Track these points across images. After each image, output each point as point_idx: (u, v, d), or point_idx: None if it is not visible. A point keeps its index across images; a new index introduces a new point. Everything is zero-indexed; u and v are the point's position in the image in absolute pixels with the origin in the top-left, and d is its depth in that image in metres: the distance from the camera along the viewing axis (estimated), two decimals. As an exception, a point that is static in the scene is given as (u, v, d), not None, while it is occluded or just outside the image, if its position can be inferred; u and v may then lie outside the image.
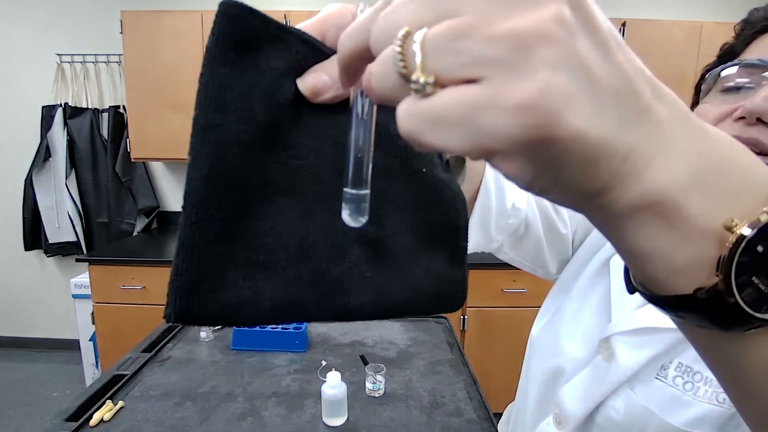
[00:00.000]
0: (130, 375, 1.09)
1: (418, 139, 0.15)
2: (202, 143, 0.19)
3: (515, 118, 0.13)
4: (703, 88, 0.45)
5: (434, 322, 1.49)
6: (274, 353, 1.25)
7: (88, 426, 0.90)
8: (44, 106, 2.82)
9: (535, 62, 0.13)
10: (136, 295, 2.28)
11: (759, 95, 0.38)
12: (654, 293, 0.19)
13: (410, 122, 0.15)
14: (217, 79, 0.19)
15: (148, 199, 2.90)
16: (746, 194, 0.17)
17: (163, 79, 2.44)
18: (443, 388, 1.08)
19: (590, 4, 0.14)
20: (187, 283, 0.20)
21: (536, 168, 0.15)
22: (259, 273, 0.21)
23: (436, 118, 0.14)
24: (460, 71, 0.14)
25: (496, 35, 0.13)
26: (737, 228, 0.16)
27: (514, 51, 0.13)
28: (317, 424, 0.95)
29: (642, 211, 0.16)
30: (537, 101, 0.13)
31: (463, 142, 0.14)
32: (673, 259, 0.17)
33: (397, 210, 0.25)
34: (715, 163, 0.17)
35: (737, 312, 0.17)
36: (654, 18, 2.48)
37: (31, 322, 3.16)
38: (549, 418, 0.55)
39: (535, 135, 0.13)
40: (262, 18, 0.20)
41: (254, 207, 0.21)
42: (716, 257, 0.16)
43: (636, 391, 0.45)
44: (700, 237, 0.16)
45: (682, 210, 0.16)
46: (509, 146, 0.14)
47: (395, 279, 0.25)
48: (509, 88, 0.13)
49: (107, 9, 2.75)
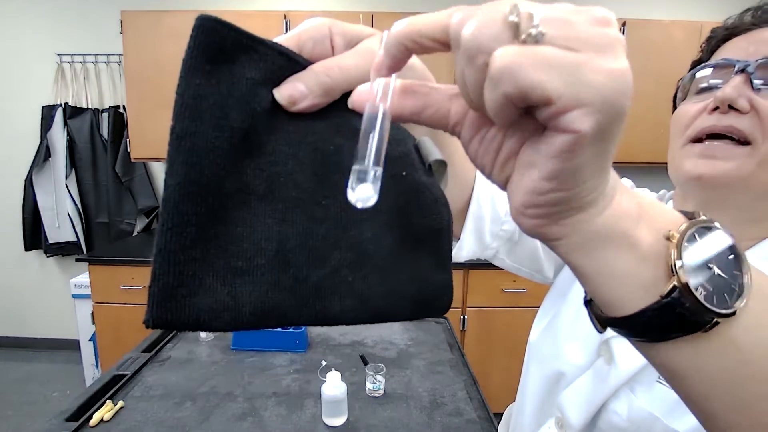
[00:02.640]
0: (130, 375, 1.09)
1: (518, 72, 0.16)
2: (177, 151, 0.20)
3: (612, 80, 0.16)
4: (679, 95, 0.50)
5: (434, 322, 1.49)
6: (274, 353, 1.25)
7: (88, 426, 0.90)
8: (44, 106, 2.82)
9: (618, 53, 0.17)
10: (136, 295, 2.27)
11: (728, 86, 0.42)
12: (612, 315, 0.23)
13: (514, 58, 0.16)
14: (192, 89, 0.20)
15: (148, 199, 2.90)
16: (668, 219, 0.22)
17: (163, 79, 2.44)
18: (443, 388, 1.08)
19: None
20: (164, 289, 0.20)
21: (599, 136, 0.17)
22: (237, 278, 0.21)
23: (545, 60, 0.16)
24: (565, 40, 0.17)
25: (596, 28, 0.17)
26: (672, 239, 0.21)
27: (606, 42, 0.17)
28: (317, 424, 0.95)
29: (610, 236, 0.21)
30: (626, 74, 0.17)
31: (562, 86, 0.16)
32: (638, 276, 0.21)
33: (378, 214, 0.25)
34: (642, 200, 0.22)
35: (692, 311, 0.21)
36: (654, 18, 2.48)
37: (31, 322, 3.16)
38: (551, 422, 0.55)
39: (620, 101, 0.17)
40: (236, 31, 0.20)
41: (232, 213, 0.21)
42: (666, 270, 0.21)
43: (637, 395, 0.45)
44: (653, 253, 0.21)
45: (635, 230, 0.21)
46: (597, 101, 0.16)
47: (378, 284, 0.25)
48: (604, 61, 0.17)
49: (107, 9, 2.75)
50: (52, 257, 3.03)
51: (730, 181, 0.42)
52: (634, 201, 0.22)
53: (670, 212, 0.23)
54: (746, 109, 0.41)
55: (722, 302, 0.21)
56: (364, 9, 2.69)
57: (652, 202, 0.23)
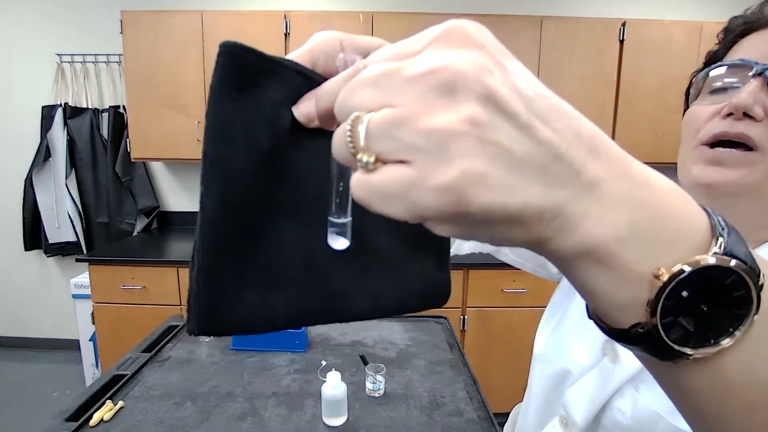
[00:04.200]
0: (130, 375, 1.09)
1: (369, 207, 0.18)
2: (212, 174, 0.21)
3: (438, 197, 0.16)
4: (692, 92, 0.49)
5: (434, 322, 1.49)
6: (274, 353, 1.25)
7: (88, 426, 0.90)
8: (44, 106, 2.82)
9: (451, 154, 0.16)
10: (136, 295, 2.27)
11: (744, 91, 0.41)
12: (604, 324, 0.21)
13: (360, 193, 0.18)
14: (222, 115, 0.21)
15: (148, 199, 2.90)
16: (681, 241, 0.19)
17: (163, 79, 2.44)
18: (443, 388, 1.08)
19: (506, 98, 0.17)
20: (208, 303, 0.22)
21: (465, 230, 0.18)
22: (270, 288, 0.24)
23: (379, 192, 0.17)
24: (395, 154, 0.17)
25: (422, 129, 0.16)
26: (663, 276, 0.18)
27: (434, 144, 0.16)
28: (317, 424, 0.95)
29: (582, 258, 0.19)
30: (452, 185, 0.16)
31: (402, 212, 0.17)
32: (614, 298, 0.20)
33: (387, 222, 0.27)
34: (653, 212, 0.19)
35: (666, 347, 0.19)
36: (654, 18, 2.48)
37: (31, 322, 3.16)
38: (555, 420, 0.55)
39: (453, 210, 0.16)
40: (259, 55, 0.21)
41: (263, 228, 0.23)
42: (643, 301, 0.19)
43: (641, 393, 0.45)
44: (635, 280, 0.19)
45: (618, 257, 0.18)
46: (437, 216, 0.17)
47: (390, 284, 0.28)
48: (433, 173, 0.16)
49: (107, 9, 2.75)
50: (52, 257, 3.03)
51: (737, 190, 0.42)
52: (624, 217, 0.18)
53: (681, 235, 0.19)
54: (761, 117, 0.40)
55: (703, 341, 0.19)
56: (364, 9, 2.69)
57: (660, 212, 0.19)
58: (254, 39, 2.37)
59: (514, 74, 0.17)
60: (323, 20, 2.43)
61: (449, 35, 0.18)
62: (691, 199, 0.20)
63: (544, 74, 2.46)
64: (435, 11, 2.58)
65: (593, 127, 0.19)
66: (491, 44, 0.18)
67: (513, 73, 0.17)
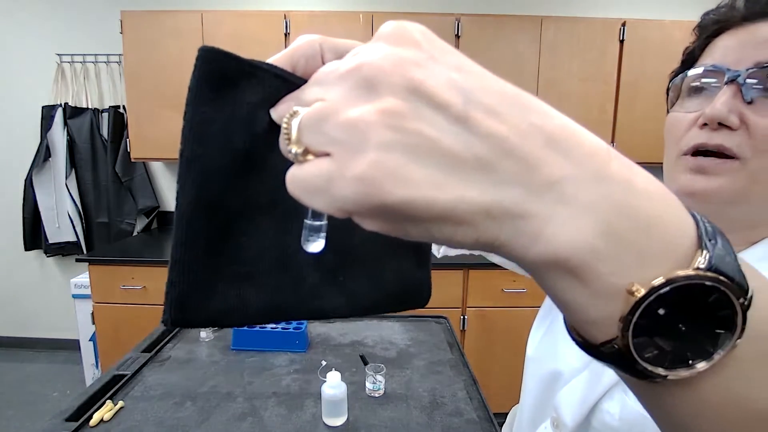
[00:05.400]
0: (130, 375, 1.09)
1: (299, 200, 0.18)
2: (188, 173, 0.22)
3: (354, 188, 0.16)
4: (671, 95, 0.48)
5: (434, 322, 1.49)
6: (274, 353, 1.25)
7: (88, 426, 0.90)
8: (44, 106, 2.82)
9: (366, 145, 0.16)
10: (136, 295, 2.27)
11: (717, 101, 0.40)
12: (580, 337, 0.20)
13: (290, 186, 0.18)
14: (199, 115, 0.22)
15: (148, 199, 2.90)
16: (663, 253, 0.17)
17: (163, 79, 2.44)
18: (443, 388, 1.08)
19: (435, 89, 0.16)
20: (181, 295, 0.23)
21: (397, 227, 0.17)
22: (244, 282, 0.24)
23: (305, 185, 0.17)
24: (320, 147, 0.17)
25: (342, 121, 0.16)
26: (637, 292, 0.16)
27: (351, 135, 0.16)
28: (317, 424, 0.95)
29: (552, 268, 0.17)
30: (364, 175, 0.16)
31: (326, 205, 0.17)
32: (588, 312, 0.18)
33: None
34: (634, 219, 0.17)
35: (639, 366, 0.17)
36: (654, 18, 2.48)
37: (31, 322, 3.16)
38: (546, 422, 0.55)
39: (370, 202, 0.16)
40: (236, 59, 0.22)
41: (238, 225, 0.24)
42: (617, 318, 0.17)
43: (630, 395, 0.45)
44: (611, 294, 0.17)
45: (591, 268, 0.16)
46: (358, 209, 0.17)
47: (366, 282, 0.28)
48: (348, 164, 0.16)
49: (107, 9, 2.75)
50: (52, 257, 3.03)
51: (723, 197, 0.42)
52: (596, 223, 0.16)
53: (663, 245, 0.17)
54: (737, 125, 0.40)
55: (679, 362, 0.18)
56: (364, 9, 2.69)
57: (643, 219, 0.17)
58: (254, 39, 2.37)
59: (452, 68, 0.17)
60: (323, 20, 2.43)
61: (388, 34, 0.18)
62: (680, 204, 0.18)
63: (544, 74, 2.46)
64: (435, 11, 2.58)
65: (565, 122, 0.17)
66: (428, 42, 0.17)
67: (452, 66, 0.17)
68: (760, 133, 0.39)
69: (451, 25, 2.40)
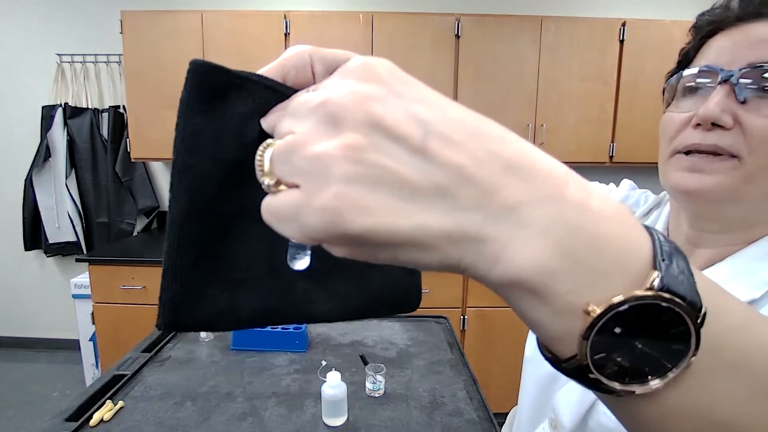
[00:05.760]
0: (130, 375, 1.09)
1: (273, 228, 0.19)
2: (180, 182, 0.23)
3: (320, 218, 0.17)
4: (666, 96, 0.48)
5: (434, 322, 1.49)
6: (274, 353, 1.25)
7: (88, 426, 0.90)
8: (44, 106, 2.82)
9: (329, 178, 0.17)
10: (136, 295, 2.28)
11: (711, 101, 0.40)
12: (549, 352, 0.20)
13: (264, 215, 0.19)
14: (191, 126, 0.23)
15: (148, 199, 2.90)
16: (617, 273, 0.18)
17: (163, 79, 2.44)
18: (443, 388, 1.08)
19: (394, 123, 0.17)
20: (174, 299, 0.24)
21: (365, 252, 0.18)
22: (235, 287, 0.25)
23: (276, 214, 0.18)
24: (289, 178, 0.18)
25: (308, 155, 0.17)
26: (593, 312, 0.17)
27: (316, 168, 0.17)
28: (317, 424, 0.95)
29: (513, 288, 0.18)
30: (328, 206, 0.17)
31: (296, 234, 0.18)
32: (551, 329, 0.18)
33: None
34: (588, 240, 0.17)
35: (598, 382, 0.18)
36: (654, 18, 2.48)
37: (31, 322, 3.16)
38: (545, 423, 0.55)
39: (335, 231, 0.17)
40: (226, 72, 0.23)
41: (229, 232, 0.25)
42: (577, 335, 0.18)
43: None
44: (570, 312, 0.18)
45: (550, 288, 0.17)
46: (325, 238, 0.18)
47: (356, 287, 0.28)
48: (314, 196, 0.17)
49: (107, 9, 2.75)
50: (52, 257, 3.03)
51: (717, 195, 0.42)
52: (553, 245, 0.17)
53: (618, 265, 0.18)
54: (730, 125, 0.40)
55: (637, 378, 0.18)
56: (364, 9, 2.69)
57: (599, 240, 0.17)
58: (254, 39, 2.37)
59: (413, 101, 0.18)
60: (323, 20, 2.43)
61: (354, 71, 0.19)
62: (637, 224, 0.19)
63: (544, 74, 2.46)
64: (435, 11, 2.58)
65: (523, 147, 0.18)
66: (392, 77, 0.18)
67: (413, 100, 0.18)
68: (754, 133, 0.39)
69: (451, 25, 2.40)
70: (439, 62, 2.44)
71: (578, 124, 2.48)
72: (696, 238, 0.48)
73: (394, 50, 2.41)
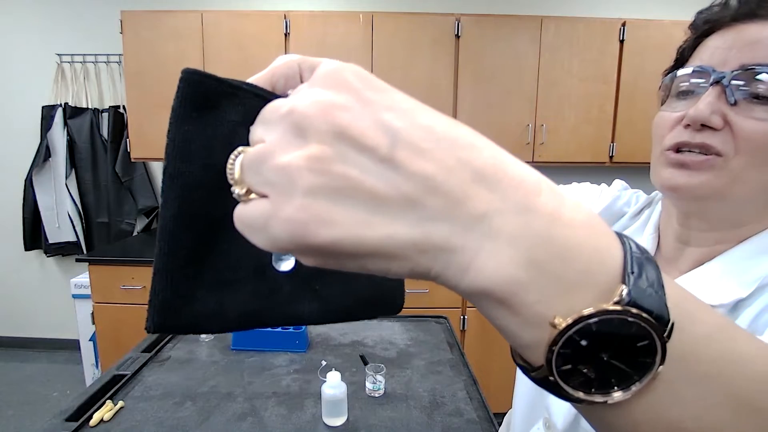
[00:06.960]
0: (130, 375, 1.09)
1: (245, 236, 0.18)
2: (171, 188, 0.23)
3: (286, 229, 0.17)
4: (661, 95, 0.49)
5: (434, 322, 1.49)
6: (274, 353, 1.25)
7: (88, 426, 0.90)
8: (44, 106, 2.82)
9: (296, 189, 0.16)
10: (136, 295, 2.27)
11: (701, 102, 0.40)
12: (522, 360, 0.20)
13: (236, 223, 0.19)
14: (182, 134, 0.23)
15: (148, 199, 2.90)
16: (585, 284, 0.17)
17: (163, 79, 2.44)
18: (443, 388, 1.08)
19: (360, 133, 0.17)
20: (163, 302, 0.24)
21: (333, 262, 0.18)
22: (224, 289, 0.26)
23: (246, 223, 0.18)
24: (258, 188, 0.18)
25: (275, 165, 0.17)
26: (559, 325, 0.17)
27: (282, 179, 0.17)
28: (317, 424, 0.95)
29: (483, 298, 0.18)
30: (292, 218, 0.16)
31: (265, 243, 0.18)
32: (520, 338, 0.18)
33: None
34: (557, 250, 0.17)
35: (562, 392, 0.18)
36: (654, 18, 2.48)
37: (31, 322, 3.16)
38: (539, 423, 0.55)
39: (302, 242, 0.17)
40: (217, 80, 0.23)
41: (217, 236, 0.25)
42: (545, 347, 0.18)
43: None
44: (538, 323, 0.17)
45: (518, 298, 0.17)
46: (293, 248, 0.17)
47: (340, 290, 0.29)
48: (281, 207, 0.17)
49: (107, 9, 2.75)
50: (52, 257, 3.03)
51: (704, 193, 0.42)
52: (521, 255, 0.17)
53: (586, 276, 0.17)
54: (719, 127, 0.40)
55: (603, 389, 0.18)
56: (364, 9, 2.69)
57: (568, 250, 0.17)
58: (254, 39, 2.37)
59: (381, 108, 0.17)
60: (323, 20, 2.43)
61: (322, 78, 0.18)
62: (609, 233, 0.19)
63: (544, 74, 2.46)
64: (435, 11, 2.58)
65: (495, 155, 0.18)
66: (361, 83, 0.18)
67: (381, 107, 0.17)
68: (742, 135, 0.40)
69: (451, 25, 2.40)
70: (439, 62, 2.44)
71: (578, 124, 2.48)
72: (686, 237, 0.48)
73: (394, 50, 2.41)
